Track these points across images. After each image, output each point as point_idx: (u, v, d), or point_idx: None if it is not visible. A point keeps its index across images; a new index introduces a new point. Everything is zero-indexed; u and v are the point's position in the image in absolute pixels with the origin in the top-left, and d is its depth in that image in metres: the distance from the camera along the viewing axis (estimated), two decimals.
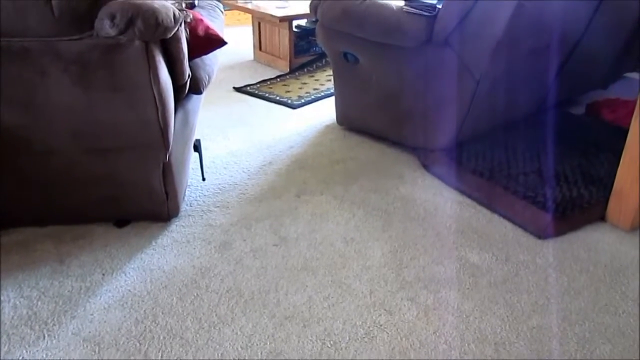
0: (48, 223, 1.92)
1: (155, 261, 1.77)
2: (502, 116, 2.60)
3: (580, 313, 1.57)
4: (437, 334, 1.49)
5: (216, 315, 1.55)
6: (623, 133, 1.94)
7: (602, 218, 2.02)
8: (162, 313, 1.55)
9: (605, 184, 2.12)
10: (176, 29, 1.60)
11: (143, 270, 1.73)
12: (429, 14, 2.15)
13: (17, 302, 1.58)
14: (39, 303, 1.58)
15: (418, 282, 1.69)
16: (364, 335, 1.48)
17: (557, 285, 1.68)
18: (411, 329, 1.51)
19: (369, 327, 1.51)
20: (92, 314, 1.54)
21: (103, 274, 1.71)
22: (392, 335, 1.48)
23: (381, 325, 1.52)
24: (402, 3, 2.25)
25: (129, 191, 1.84)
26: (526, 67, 2.39)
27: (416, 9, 2.18)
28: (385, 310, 1.58)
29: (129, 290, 1.64)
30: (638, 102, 1.81)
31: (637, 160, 1.86)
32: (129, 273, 1.71)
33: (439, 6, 2.14)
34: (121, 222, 1.95)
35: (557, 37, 2.37)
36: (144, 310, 1.56)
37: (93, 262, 1.76)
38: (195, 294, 1.63)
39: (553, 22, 2.26)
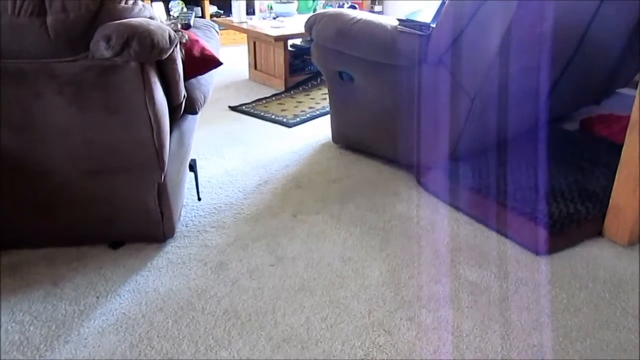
0: (42, 245, 1.90)
1: (151, 283, 1.75)
2: (497, 133, 2.60)
3: (581, 330, 1.56)
4: (437, 354, 1.47)
5: (212, 338, 1.53)
6: (617, 148, 1.95)
7: (599, 233, 2.02)
8: (158, 336, 1.53)
9: (601, 200, 2.12)
10: (172, 50, 1.60)
11: (138, 293, 1.71)
12: (423, 33, 2.16)
13: (9, 327, 1.55)
14: (32, 328, 1.55)
15: (417, 301, 1.68)
16: (363, 357, 1.46)
17: (557, 302, 1.67)
18: (411, 349, 1.49)
19: (368, 348, 1.49)
20: (86, 339, 1.52)
21: (97, 297, 1.68)
22: (392, 356, 1.46)
23: (380, 346, 1.50)
24: (396, 22, 2.27)
25: (124, 212, 1.83)
26: (520, 85, 2.40)
27: (410, 28, 2.19)
28: (384, 330, 1.56)
29: (124, 314, 1.62)
30: (631, 118, 1.82)
31: (632, 176, 1.86)
32: (124, 296, 1.69)
33: (433, 25, 2.16)
34: (116, 244, 1.93)
35: (549, 55, 2.39)
36: (139, 334, 1.54)
37: (87, 284, 1.74)
38: (191, 317, 1.61)
39: (546, 40, 2.28)
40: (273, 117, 3.29)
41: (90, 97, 1.56)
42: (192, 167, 2.23)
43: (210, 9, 5.39)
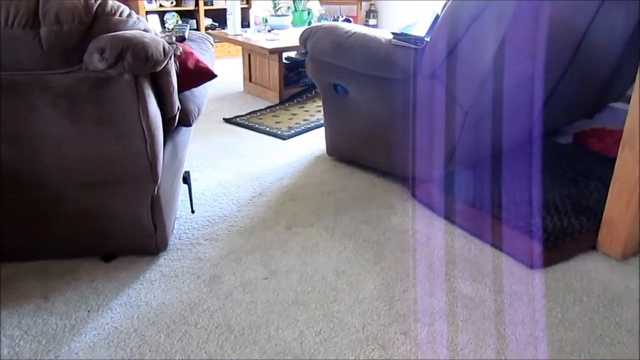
0: (33, 258, 1.88)
1: (143, 296, 1.74)
2: (491, 146, 2.61)
3: (576, 344, 1.55)
4: None
5: (205, 352, 1.51)
6: (610, 162, 1.96)
7: (593, 247, 2.02)
8: (150, 351, 1.51)
9: (595, 213, 2.13)
10: (166, 62, 1.60)
11: (130, 306, 1.69)
12: (417, 47, 2.17)
13: None
14: (22, 342, 1.53)
15: (411, 315, 1.67)
16: None
17: (551, 316, 1.67)
18: None
19: None
20: (76, 353, 1.50)
21: (89, 311, 1.67)
22: None
23: None
24: (390, 36, 2.28)
25: (117, 224, 1.82)
26: (513, 98, 2.41)
27: (404, 41, 2.21)
28: (378, 344, 1.55)
29: (115, 328, 1.60)
30: (624, 132, 1.83)
31: (626, 190, 1.86)
32: (116, 309, 1.68)
33: (427, 39, 2.17)
34: (108, 257, 1.92)
35: (542, 69, 2.40)
36: (131, 349, 1.52)
37: (79, 298, 1.72)
38: (184, 331, 1.59)
39: (539, 54, 2.29)
40: (267, 129, 3.29)
41: (84, 109, 1.56)
42: (186, 179, 2.22)
43: (205, 21, 5.41)
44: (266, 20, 4.47)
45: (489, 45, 2.05)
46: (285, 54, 4.08)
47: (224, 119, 3.51)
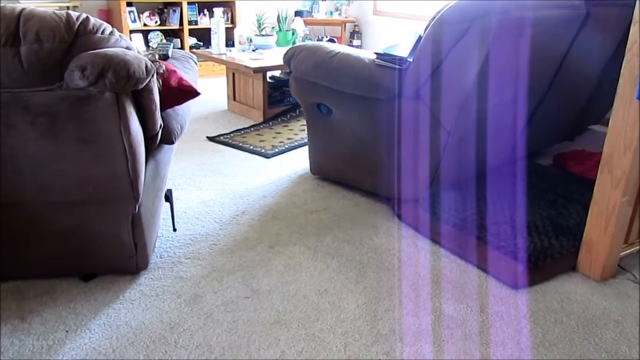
0: (9, 278, 1.85)
1: (122, 316, 1.71)
2: (473, 167, 2.64)
3: None
4: None
5: None
6: (589, 184, 1.99)
7: (573, 268, 2.04)
8: None
9: (574, 235, 2.15)
10: (148, 80, 1.59)
11: (109, 327, 1.66)
12: (400, 67, 2.20)
13: None
14: None
15: (393, 335, 1.66)
16: None
17: (532, 337, 1.67)
18: None
19: None
20: None
21: (67, 332, 1.63)
22: None
23: None
24: (374, 56, 2.31)
25: (96, 244, 1.79)
26: (495, 120, 2.44)
27: (387, 62, 2.23)
28: None
29: (94, 348, 1.57)
30: (602, 156, 1.86)
31: (604, 213, 1.89)
32: (94, 330, 1.65)
33: (410, 59, 2.19)
34: (87, 276, 1.89)
35: (524, 91, 2.44)
36: None
37: (56, 318, 1.69)
38: (164, 351, 1.57)
39: (520, 77, 2.33)
40: (251, 147, 3.29)
41: (64, 128, 1.55)
42: (168, 197, 2.20)
43: (190, 40, 5.42)
44: (251, 40, 4.49)
45: (471, 66, 2.08)
46: (269, 74, 4.10)
47: (207, 137, 3.50)
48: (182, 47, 5.36)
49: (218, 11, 4.67)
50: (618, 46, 2.69)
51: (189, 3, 5.31)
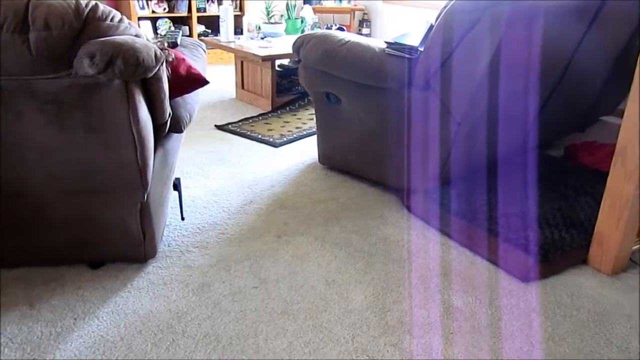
0: (18, 265, 1.86)
1: (130, 305, 1.71)
2: (483, 158, 2.61)
3: None
4: None
5: None
6: (600, 176, 1.96)
7: (584, 261, 2.02)
8: None
9: (585, 228, 2.13)
10: (157, 68, 1.58)
11: (117, 315, 1.66)
12: (411, 56, 2.17)
13: None
14: (6, 350, 1.50)
15: (401, 327, 1.65)
16: None
17: (541, 331, 1.66)
18: None
19: None
20: None
21: (75, 319, 1.64)
22: None
23: None
24: (384, 45, 2.28)
25: (104, 232, 1.79)
26: (506, 110, 2.41)
27: (398, 51, 2.20)
28: (367, 356, 1.53)
29: (102, 336, 1.57)
30: (617, 148, 1.83)
31: (616, 206, 1.86)
32: (102, 317, 1.65)
33: (421, 49, 2.17)
34: (95, 264, 1.89)
35: (535, 81, 2.41)
36: (117, 358, 1.49)
37: (65, 306, 1.69)
38: (171, 340, 1.57)
39: (532, 67, 2.30)
40: (259, 136, 3.28)
41: (72, 115, 1.54)
42: (176, 186, 2.20)
43: (198, 28, 5.40)
44: (259, 28, 4.46)
45: (482, 56, 2.05)
46: (278, 62, 4.08)
47: (215, 126, 3.49)
48: (190, 35, 5.34)
49: None
50: (631, 37, 2.65)
51: None
